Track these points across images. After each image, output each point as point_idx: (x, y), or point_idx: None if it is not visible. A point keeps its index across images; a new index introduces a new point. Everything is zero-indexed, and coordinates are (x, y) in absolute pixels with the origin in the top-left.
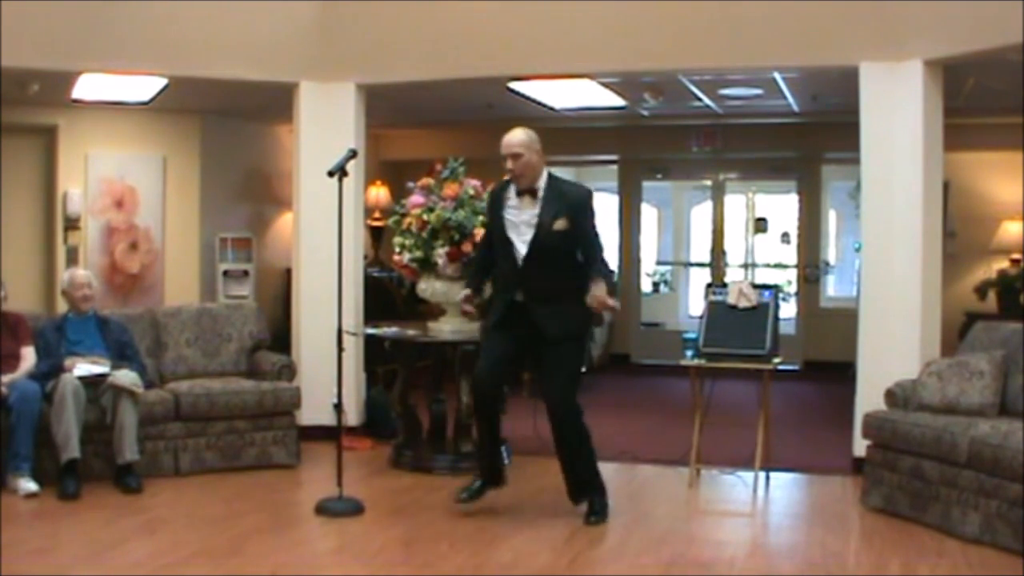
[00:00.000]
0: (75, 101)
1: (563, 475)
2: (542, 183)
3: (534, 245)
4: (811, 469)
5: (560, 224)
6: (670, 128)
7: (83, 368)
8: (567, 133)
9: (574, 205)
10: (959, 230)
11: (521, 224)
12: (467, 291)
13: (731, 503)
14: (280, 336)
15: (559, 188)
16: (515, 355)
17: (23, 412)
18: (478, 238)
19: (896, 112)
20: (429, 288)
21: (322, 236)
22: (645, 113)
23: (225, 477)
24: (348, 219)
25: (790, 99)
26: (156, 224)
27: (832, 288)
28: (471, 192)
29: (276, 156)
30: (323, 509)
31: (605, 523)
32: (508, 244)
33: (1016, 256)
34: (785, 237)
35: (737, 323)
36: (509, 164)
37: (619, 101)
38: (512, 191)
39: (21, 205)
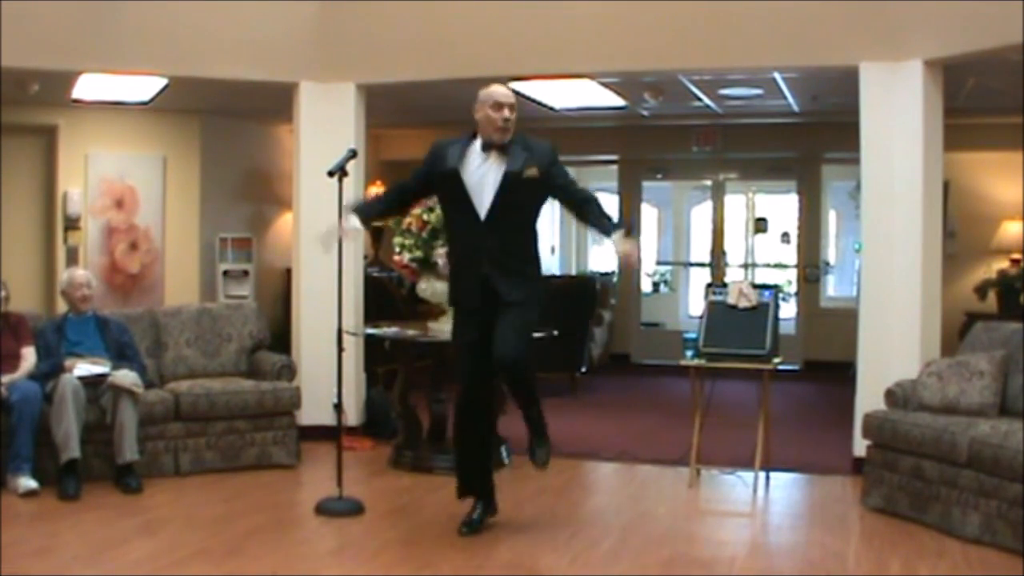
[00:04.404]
0: (75, 101)
1: (468, 481)
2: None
3: (500, 196)
4: (811, 469)
5: (531, 172)
6: (670, 128)
7: (83, 368)
8: (567, 133)
9: (543, 155)
10: (959, 230)
11: (487, 182)
12: (351, 217)
13: (731, 503)
14: (280, 336)
15: (524, 141)
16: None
17: (23, 412)
18: None
19: (896, 112)
20: (429, 288)
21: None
22: (645, 113)
23: (225, 477)
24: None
25: (790, 99)
26: (156, 224)
27: (832, 288)
28: None
29: (276, 156)
30: (323, 509)
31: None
32: (468, 203)
33: (1016, 256)
34: (785, 237)
35: (737, 323)
36: (507, 113)
37: (619, 101)
38: (476, 147)
39: (21, 205)
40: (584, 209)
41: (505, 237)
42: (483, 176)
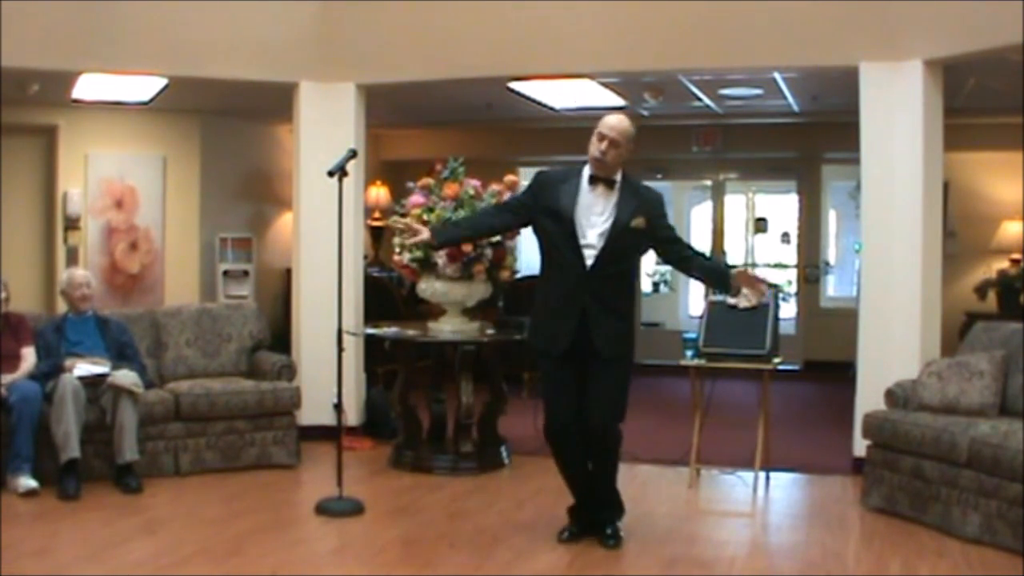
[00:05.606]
0: (75, 101)
1: (579, 499)
2: (618, 177)
3: (607, 245)
4: (811, 469)
5: (637, 222)
6: (670, 128)
7: (83, 368)
8: (567, 133)
9: (651, 205)
10: (959, 230)
11: (593, 217)
12: (428, 232)
13: (731, 503)
14: (280, 336)
15: (634, 185)
16: (579, 390)
17: (23, 412)
18: None
19: (896, 112)
20: (429, 288)
21: (322, 236)
22: (645, 113)
23: (225, 477)
24: (348, 219)
25: (790, 99)
26: (156, 224)
27: (832, 288)
28: (471, 192)
29: (276, 156)
30: (323, 509)
31: (621, 548)
32: (575, 240)
33: (1016, 256)
34: (785, 237)
35: (737, 323)
36: (603, 146)
37: (619, 101)
38: (584, 182)
39: (21, 205)
40: (688, 265)
41: (607, 282)
42: (590, 212)
